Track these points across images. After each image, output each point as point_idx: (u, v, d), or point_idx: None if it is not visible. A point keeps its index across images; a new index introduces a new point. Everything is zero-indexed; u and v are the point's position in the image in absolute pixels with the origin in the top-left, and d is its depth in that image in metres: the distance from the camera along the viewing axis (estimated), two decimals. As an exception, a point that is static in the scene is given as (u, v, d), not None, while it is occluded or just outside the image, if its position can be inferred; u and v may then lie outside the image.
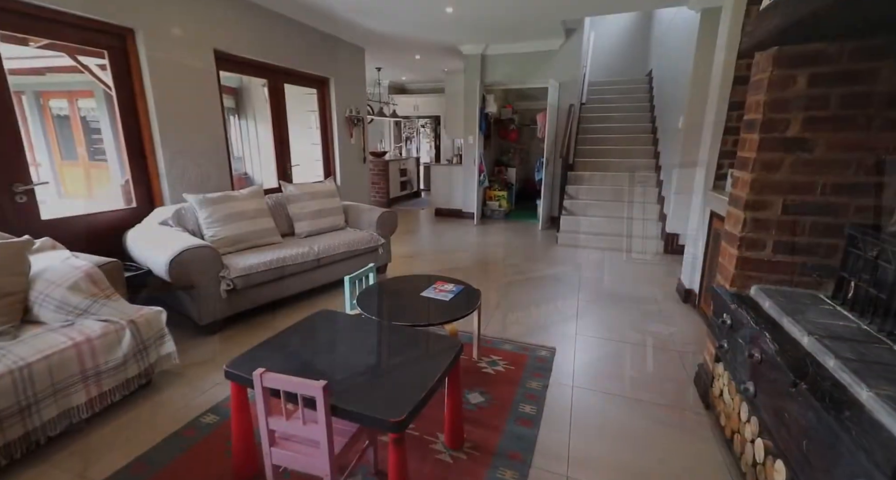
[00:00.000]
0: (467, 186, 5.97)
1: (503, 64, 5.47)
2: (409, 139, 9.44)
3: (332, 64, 4.59)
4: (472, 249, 4.52)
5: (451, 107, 5.92)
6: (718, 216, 2.60)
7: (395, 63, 6.76)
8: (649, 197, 4.91)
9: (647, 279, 3.57)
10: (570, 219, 4.87)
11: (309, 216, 3.33)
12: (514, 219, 6.08)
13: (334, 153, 4.93)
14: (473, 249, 4.51)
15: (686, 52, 4.21)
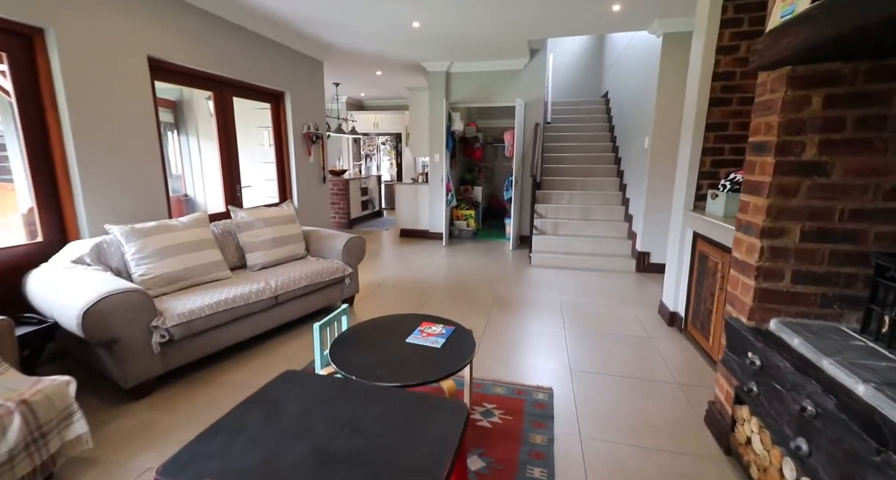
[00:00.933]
0: (434, 206, 5.75)
1: (468, 82, 5.38)
2: (369, 157, 9.13)
3: (289, 77, 4.25)
4: (444, 274, 4.26)
5: (416, 125, 5.73)
6: (703, 237, 2.54)
7: (355, 78, 6.50)
8: (616, 215, 4.93)
9: (626, 300, 3.48)
10: (541, 238, 4.76)
11: (264, 245, 2.93)
12: (483, 239, 5.92)
13: (290, 172, 4.53)
14: (446, 273, 4.26)
15: (645, 74, 4.32)
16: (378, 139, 8.92)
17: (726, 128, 2.61)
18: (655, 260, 4.19)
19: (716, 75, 2.56)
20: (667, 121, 3.87)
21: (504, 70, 5.22)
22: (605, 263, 4.40)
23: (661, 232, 4.11)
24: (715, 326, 2.33)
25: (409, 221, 6.03)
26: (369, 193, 7.66)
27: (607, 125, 6.25)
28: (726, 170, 2.65)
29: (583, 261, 4.47)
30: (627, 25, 3.82)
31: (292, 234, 3.13)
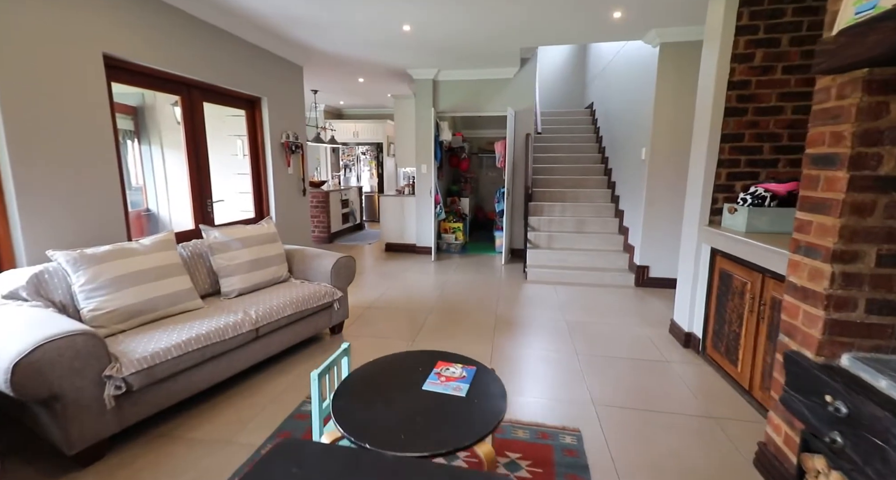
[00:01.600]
0: (422, 219, 5.48)
1: (456, 90, 5.20)
2: (348, 167, 8.79)
3: (266, 82, 3.92)
4: (437, 292, 3.98)
5: (402, 135, 5.48)
6: (724, 254, 2.39)
7: (336, 86, 6.21)
8: (610, 227, 4.81)
9: (632, 318, 3.30)
10: (536, 252, 4.58)
11: (241, 269, 2.58)
12: (472, 253, 5.69)
13: (268, 184, 4.17)
14: (439, 292, 3.98)
15: (638, 84, 4.25)
16: (358, 149, 8.61)
17: (742, 139, 2.49)
18: (656, 274, 4.07)
19: (731, 84, 2.44)
20: (665, 132, 3.79)
21: (493, 79, 5.07)
22: (603, 278, 4.25)
23: (661, 245, 4.00)
24: (744, 351, 2.16)
25: (394, 235, 5.73)
26: (350, 205, 7.31)
27: (594, 136, 6.20)
28: (742, 183, 2.53)
29: (580, 276, 4.30)
30: (624, 34, 3.73)
31: (274, 255, 2.79)
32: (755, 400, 2.07)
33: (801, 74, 2.36)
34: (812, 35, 2.31)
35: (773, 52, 2.37)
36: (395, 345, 2.79)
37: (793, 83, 2.38)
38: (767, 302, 1.98)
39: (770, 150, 2.47)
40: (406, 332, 3.02)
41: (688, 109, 3.72)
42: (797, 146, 2.43)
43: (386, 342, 2.85)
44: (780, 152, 2.46)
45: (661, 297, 3.79)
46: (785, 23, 2.33)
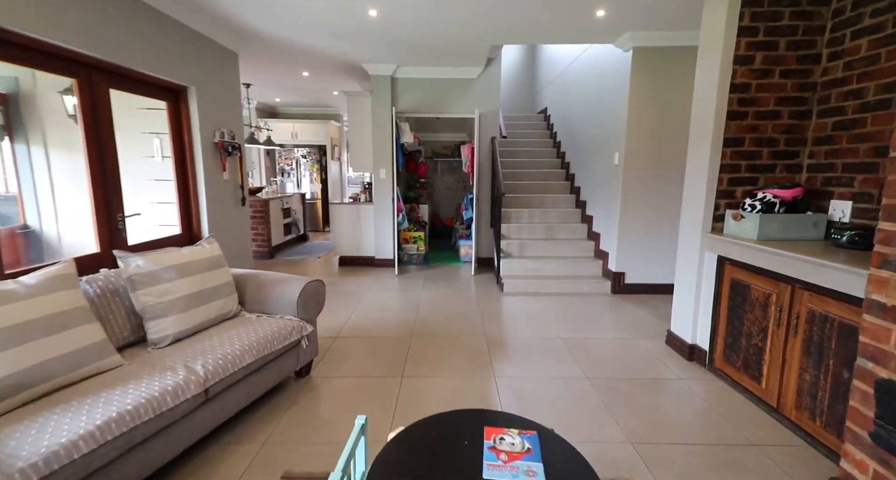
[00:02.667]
0: (381, 229, 4.98)
1: (417, 89, 4.80)
2: (286, 172, 7.94)
3: (194, 69, 3.23)
4: (411, 312, 3.54)
5: (357, 136, 4.94)
6: (736, 263, 2.29)
7: (274, 79, 5.48)
8: (579, 233, 4.73)
9: (624, 330, 3.16)
10: (510, 262, 4.33)
11: (177, 306, 1.95)
12: (436, 263, 5.30)
13: (198, 193, 3.45)
14: (413, 311, 3.55)
15: (605, 90, 4.20)
16: (297, 151, 7.81)
17: (742, 144, 2.43)
18: (631, 280, 4.01)
19: (732, 86, 2.36)
20: (639, 137, 3.74)
21: (457, 78, 4.76)
22: (579, 286, 4.11)
23: (636, 251, 3.96)
24: (769, 367, 2.05)
25: (349, 247, 5.15)
26: (293, 215, 6.54)
27: (551, 141, 6.17)
28: (742, 188, 2.46)
29: (557, 285, 4.12)
30: (599, 36, 3.63)
31: (220, 285, 2.18)
32: (787, 420, 1.95)
33: (797, 79, 2.34)
34: (807, 40, 2.30)
35: (771, 55, 2.33)
36: (383, 386, 2.33)
37: (789, 87, 2.35)
38: (802, 315, 1.86)
39: (769, 156, 2.43)
40: (390, 366, 2.56)
41: (661, 114, 3.72)
42: (794, 151, 2.41)
43: (370, 383, 2.37)
44: (777, 157, 2.43)
45: (641, 304, 3.73)
46: (783, 26, 2.30)
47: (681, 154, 3.77)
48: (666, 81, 3.66)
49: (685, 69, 3.64)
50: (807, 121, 2.38)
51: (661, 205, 3.86)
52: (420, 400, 2.18)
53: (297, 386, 2.34)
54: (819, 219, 2.20)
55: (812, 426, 1.81)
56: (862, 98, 2.09)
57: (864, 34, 2.09)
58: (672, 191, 3.84)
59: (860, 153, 2.10)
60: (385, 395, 2.23)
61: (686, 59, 3.62)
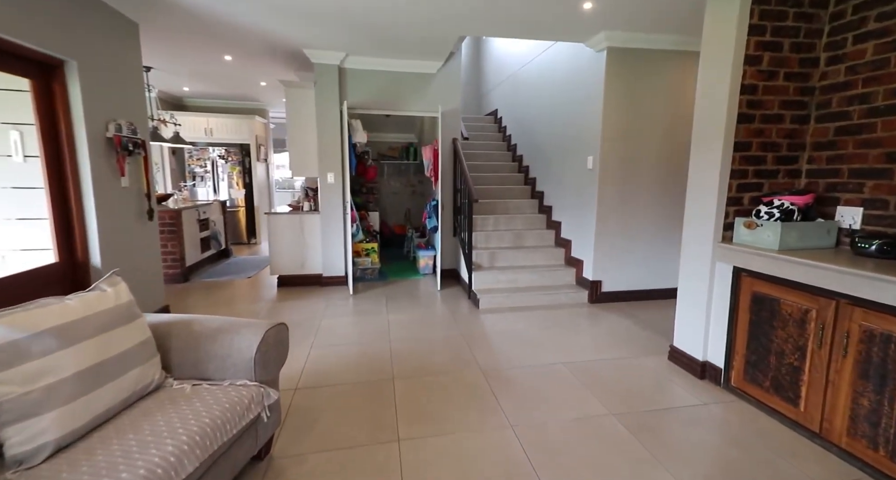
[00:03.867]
0: (330, 242, 4.30)
1: (368, 82, 4.21)
2: (198, 176, 6.73)
3: (77, 37, 2.38)
4: (382, 343, 2.98)
5: (297, 134, 4.21)
6: (756, 275, 2.15)
7: (185, 63, 4.50)
8: (546, 240, 4.53)
9: (622, 348, 2.95)
10: (482, 274, 3.95)
11: (63, 394, 1.22)
12: (394, 278, 4.75)
13: (83, 205, 2.57)
14: (384, 342, 2.99)
15: (573, 92, 4.05)
16: (212, 151, 6.66)
17: (749, 148, 2.31)
18: (608, 288, 3.88)
19: (742, 88, 2.23)
20: (614, 140, 3.61)
21: (415, 73, 4.27)
22: (556, 297, 3.88)
23: (613, 258, 3.83)
24: (809, 389, 1.91)
25: (291, 264, 4.38)
26: (212, 227, 5.49)
27: (505, 144, 5.95)
28: (750, 195, 2.35)
29: (534, 298, 3.84)
30: (574, 33, 3.40)
31: (133, 347, 1.46)
32: (835, 446, 1.81)
33: (798, 82, 2.28)
34: (807, 42, 2.25)
35: (777, 56, 2.24)
36: (374, 460, 1.78)
37: (791, 91, 2.28)
38: (853, 334, 1.73)
39: (773, 160, 2.34)
40: (376, 426, 2.01)
41: (637, 117, 3.62)
42: (794, 156, 2.36)
43: (356, 456, 1.80)
44: (780, 162, 2.35)
45: (622, 314, 3.59)
46: (788, 26, 2.22)
47: (658, 157, 3.72)
48: (641, 84, 3.57)
49: (658, 72, 3.59)
50: (805, 126, 2.34)
51: (638, 210, 3.77)
52: (431, 476, 1.68)
53: (253, 474, 1.69)
54: (831, 227, 2.14)
55: (873, 455, 1.67)
56: (869, 103, 2.06)
57: (869, 38, 2.05)
58: (649, 195, 3.78)
59: (869, 159, 2.06)
60: (381, 474, 1.69)
61: (658, 62, 3.56)
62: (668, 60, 3.57)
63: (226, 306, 3.79)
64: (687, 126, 3.71)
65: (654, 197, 3.78)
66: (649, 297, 3.94)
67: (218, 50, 3.97)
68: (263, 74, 5.03)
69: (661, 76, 3.59)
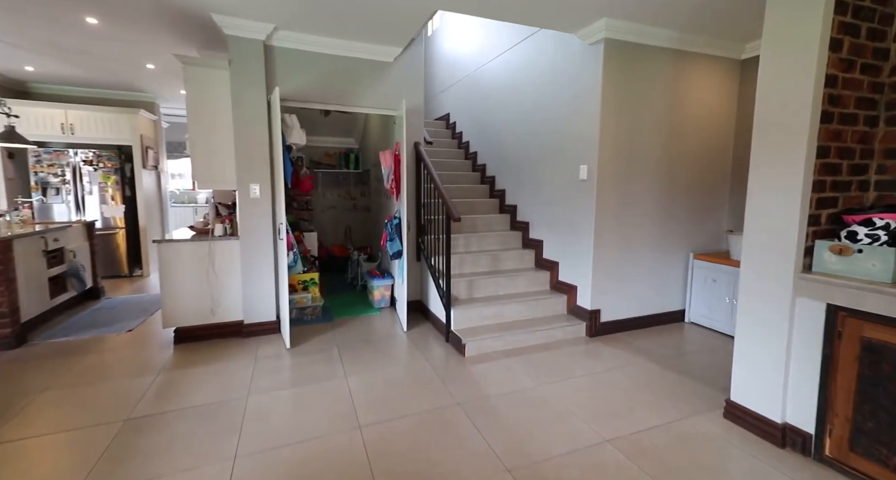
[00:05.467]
0: (255, 276, 3.17)
1: (305, 67, 3.22)
2: (52, 188, 4.95)
3: None
4: (347, 431, 2.02)
5: (201, 132, 3.04)
6: (861, 315, 1.67)
7: (24, 28, 3.08)
8: (526, 262, 3.90)
9: (663, 406, 2.36)
10: (463, 310, 3.15)
11: None
12: (342, 316, 3.72)
13: None
14: (351, 429, 2.03)
15: (553, 92, 3.52)
16: (74, 155, 4.96)
17: (828, 155, 1.88)
18: (608, 317, 3.33)
19: (825, 79, 1.79)
20: (614, 148, 3.11)
21: (366, 59, 3.38)
22: (551, 333, 3.22)
23: (614, 282, 3.30)
24: (971, 466, 1.44)
25: (195, 311, 3.13)
26: (69, 259, 3.91)
27: (462, 152, 5.28)
28: (827, 212, 1.92)
29: (525, 336, 3.14)
30: (569, 17, 2.84)
31: None
32: None
33: (871, 76, 1.91)
34: (879, 29, 1.89)
35: (856, 42, 1.84)
36: None
37: (865, 86, 1.91)
38: None
39: (848, 170, 1.94)
40: None
41: (639, 120, 3.18)
42: (865, 165, 1.98)
43: None
44: (853, 172, 1.96)
45: (632, 350, 3.05)
46: (866, 7, 1.84)
47: (659, 166, 3.31)
48: (641, 83, 3.13)
49: (659, 71, 3.19)
50: (875, 129, 1.98)
51: (638, 225, 3.31)
52: None
53: None
54: (933, 251, 1.76)
55: None
56: (962, 103, 1.73)
57: (960, 26, 1.73)
58: (649, 207, 3.34)
59: (970, 169, 1.72)
60: None
61: (657, 60, 3.17)
62: (666, 59, 3.19)
63: (84, 388, 2.47)
64: (688, 133, 3.38)
65: (655, 209, 3.35)
66: (649, 324, 3.49)
67: (75, 7, 2.70)
68: (150, 52, 3.74)
69: (661, 76, 3.20)
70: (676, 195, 3.41)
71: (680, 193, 3.42)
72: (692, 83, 3.33)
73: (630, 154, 3.17)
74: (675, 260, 3.52)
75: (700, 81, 3.35)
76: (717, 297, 3.34)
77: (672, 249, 3.48)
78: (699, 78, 3.34)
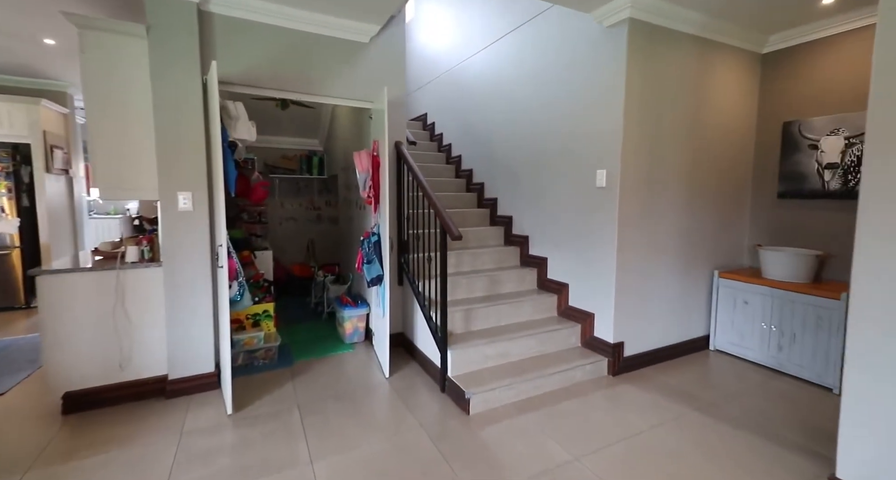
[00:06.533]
0: (185, 317, 2.36)
1: (255, 42, 2.50)
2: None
3: None
4: None
5: (105, 123, 2.23)
6: None
7: None
8: (528, 282, 3.31)
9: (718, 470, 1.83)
10: (461, 351, 2.50)
11: None
12: (305, 357, 2.96)
13: None
14: None
15: (548, 86, 3.01)
16: (-47, 155, 3.88)
17: (969, 154, 1.42)
18: (632, 350, 2.80)
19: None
20: (638, 149, 2.61)
21: (336, 37, 2.70)
22: (570, 374, 2.63)
23: (639, 309, 2.79)
24: None
25: (93, 366, 2.27)
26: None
27: (444, 156, 4.67)
28: (965, 228, 1.45)
29: (540, 382, 2.52)
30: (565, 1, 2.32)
31: None
32: None
33: None
34: None
35: None
36: None
37: None
38: None
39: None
40: None
41: (663, 118, 2.70)
42: None
43: None
44: None
45: (669, 394, 2.52)
46: None
47: (681, 170, 2.85)
48: (668, 73, 2.66)
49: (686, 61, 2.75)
50: None
51: (664, 238, 2.83)
52: None
53: None
54: None
55: None
56: None
57: None
58: (673, 218, 2.86)
59: None
60: None
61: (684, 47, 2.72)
62: (690, 47, 2.75)
63: None
64: (710, 133, 2.96)
65: (678, 220, 2.89)
66: (672, 354, 3.00)
67: None
68: (47, 23, 2.86)
69: (685, 66, 2.75)
70: (699, 204, 2.97)
71: (703, 202, 2.98)
72: (716, 77, 2.91)
73: (653, 156, 2.69)
74: (698, 279, 3.06)
75: (722, 75, 2.95)
76: (750, 322, 2.90)
77: (695, 266, 3.03)
78: (722, 71, 2.94)
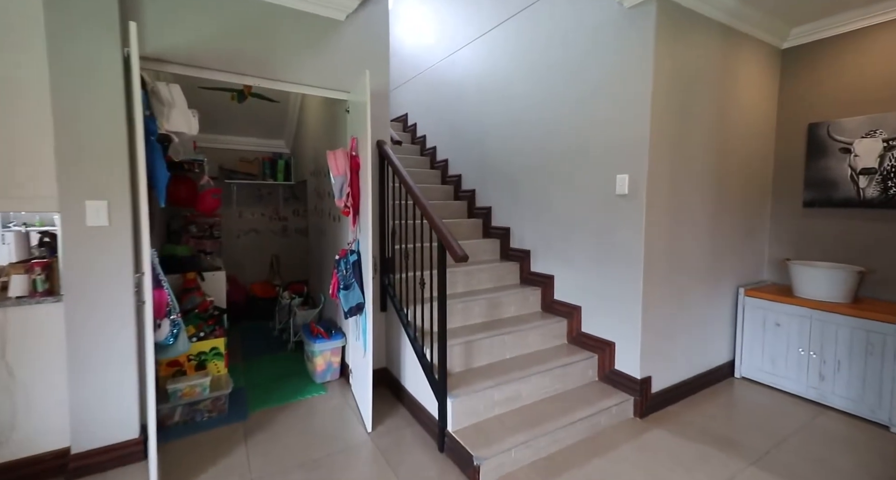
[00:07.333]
0: (99, 363, 1.76)
1: (197, 9, 1.95)
2: None
3: None
4: None
5: None
6: None
7: None
8: (532, 304, 2.88)
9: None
10: (464, 399, 2.01)
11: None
12: (265, 405, 2.38)
13: None
14: None
15: (556, 80, 2.62)
16: None
17: None
18: (659, 385, 2.40)
19: None
20: (663, 150, 2.23)
21: (305, 12, 2.19)
22: (595, 420, 2.16)
23: (669, 340, 2.40)
24: None
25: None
26: None
27: (427, 160, 4.21)
28: None
29: (561, 435, 2.04)
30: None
31: None
32: None
33: None
34: None
35: None
36: None
37: None
38: None
39: None
40: None
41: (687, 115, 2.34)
42: None
43: None
44: None
45: (706, 441, 2.11)
46: None
47: (709, 174, 2.51)
48: (695, 63, 2.32)
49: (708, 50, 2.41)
50: None
51: (690, 252, 2.47)
52: None
53: None
54: None
55: None
56: None
57: None
58: (700, 229, 2.52)
59: None
60: None
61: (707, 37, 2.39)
62: (716, 36, 2.43)
63: None
64: (732, 133, 2.65)
65: (703, 232, 2.54)
66: (698, 386, 2.62)
67: None
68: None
69: (711, 57, 2.42)
70: (723, 212, 2.63)
71: (726, 209, 2.65)
72: (739, 70, 2.60)
73: (680, 157, 2.33)
74: (722, 298, 2.72)
75: (744, 69, 2.64)
76: (784, 347, 2.58)
77: (719, 284, 2.68)
78: (743, 65, 2.64)
